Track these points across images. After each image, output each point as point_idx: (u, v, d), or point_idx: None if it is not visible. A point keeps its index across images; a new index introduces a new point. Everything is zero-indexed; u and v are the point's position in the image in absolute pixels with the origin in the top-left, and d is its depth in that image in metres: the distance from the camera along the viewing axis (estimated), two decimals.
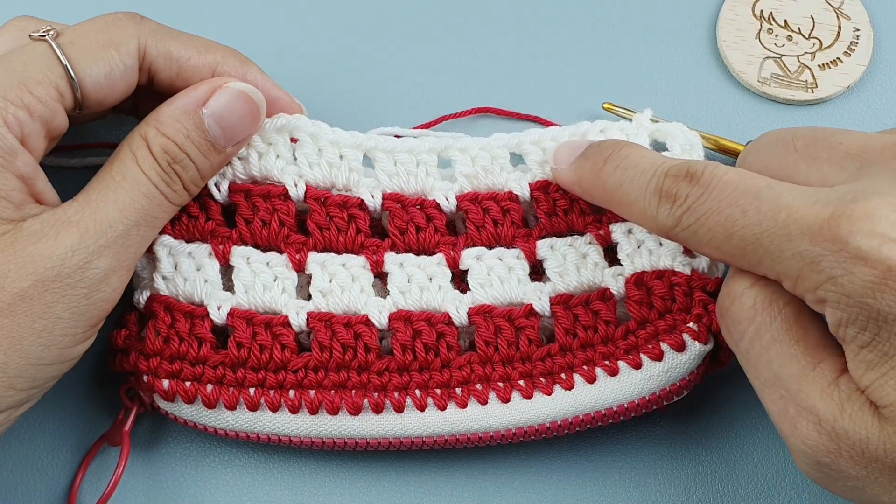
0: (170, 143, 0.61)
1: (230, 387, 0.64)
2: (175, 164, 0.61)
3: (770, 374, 0.55)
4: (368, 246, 0.66)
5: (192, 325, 0.64)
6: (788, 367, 0.54)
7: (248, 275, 0.65)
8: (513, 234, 0.66)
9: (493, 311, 0.64)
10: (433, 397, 0.63)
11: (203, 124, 0.62)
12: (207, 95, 0.63)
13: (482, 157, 0.67)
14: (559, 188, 0.66)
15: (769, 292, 0.55)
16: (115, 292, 0.60)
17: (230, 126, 0.63)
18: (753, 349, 0.55)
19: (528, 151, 0.67)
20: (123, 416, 0.67)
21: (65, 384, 0.69)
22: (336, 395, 0.63)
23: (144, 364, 0.64)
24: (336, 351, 0.63)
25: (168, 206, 0.62)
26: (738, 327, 0.56)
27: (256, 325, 0.64)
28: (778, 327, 0.55)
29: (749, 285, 0.56)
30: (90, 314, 0.59)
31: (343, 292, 0.65)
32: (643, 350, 0.63)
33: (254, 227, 0.66)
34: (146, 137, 0.61)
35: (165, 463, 0.68)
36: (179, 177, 0.62)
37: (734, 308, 0.57)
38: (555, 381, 0.63)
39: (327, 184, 0.66)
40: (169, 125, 0.61)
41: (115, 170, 0.61)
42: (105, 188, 0.60)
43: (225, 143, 0.63)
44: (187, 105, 0.62)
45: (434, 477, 0.67)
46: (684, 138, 0.68)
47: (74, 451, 0.68)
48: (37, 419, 0.69)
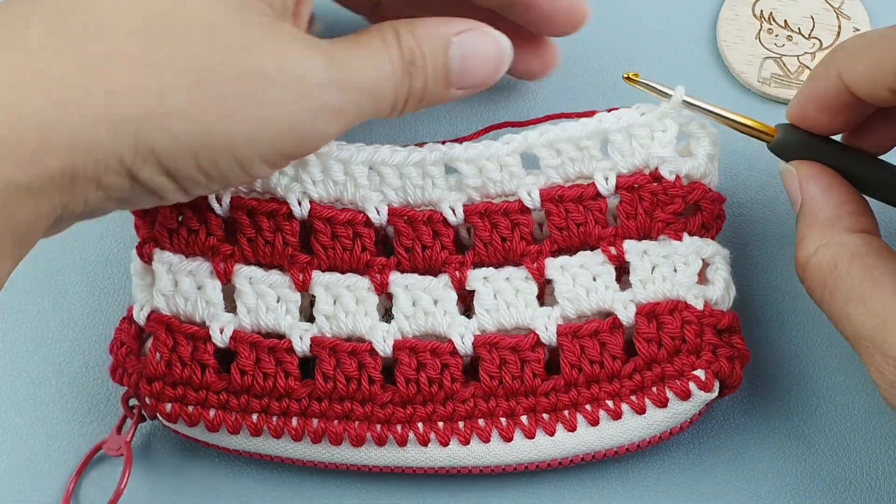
0: (417, 48, 0.59)
1: (233, 412, 0.64)
2: (412, 66, 0.59)
3: (851, 329, 0.57)
4: (374, 265, 0.64)
5: (194, 348, 0.63)
6: (867, 321, 0.56)
7: (251, 296, 0.64)
8: (521, 251, 0.64)
9: (499, 342, 0.63)
10: (436, 432, 0.63)
11: (448, 51, 0.60)
12: (463, 29, 0.61)
13: (490, 168, 0.64)
14: (573, 197, 0.64)
15: (832, 254, 0.58)
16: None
17: (469, 69, 0.61)
18: (833, 310, 0.58)
19: (543, 155, 0.64)
20: (122, 424, 0.67)
21: (62, 385, 0.70)
22: (339, 425, 0.63)
23: (146, 388, 0.63)
24: (340, 383, 0.63)
25: (387, 104, 0.59)
26: (815, 293, 0.59)
27: (260, 351, 0.63)
28: (848, 286, 0.57)
29: (813, 251, 0.59)
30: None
31: (347, 316, 0.64)
32: (648, 394, 0.62)
33: (257, 246, 0.64)
34: (397, 31, 0.59)
35: (165, 471, 0.68)
36: (411, 83, 0.59)
37: (806, 277, 0.59)
38: (558, 420, 0.63)
39: (332, 199, 0.64)
40: (421, 33, 0.59)
41: (360, 40, 0.58)
42: (350, 47, 0.58)
43: (455, 83, 0.61)
44: (442, 28, 0.60)
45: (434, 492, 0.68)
46: (711, 145, 0.65)
47: (70, 456, 0.68)
48: (33, 421, 0.69)
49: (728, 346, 0.63)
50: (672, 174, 0.63)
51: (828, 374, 0.69)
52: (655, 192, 0.63)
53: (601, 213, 0.64)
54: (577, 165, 0.64)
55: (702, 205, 0.64)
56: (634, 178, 0.64)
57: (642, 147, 0.64)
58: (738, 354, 0.63)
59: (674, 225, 0.64)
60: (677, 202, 0.63)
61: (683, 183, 0.64)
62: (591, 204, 0.64)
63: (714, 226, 0.65)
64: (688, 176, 0.64)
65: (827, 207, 0.60)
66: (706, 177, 0.65)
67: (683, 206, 0.64)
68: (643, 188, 0.64)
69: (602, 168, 0.64)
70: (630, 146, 0.64)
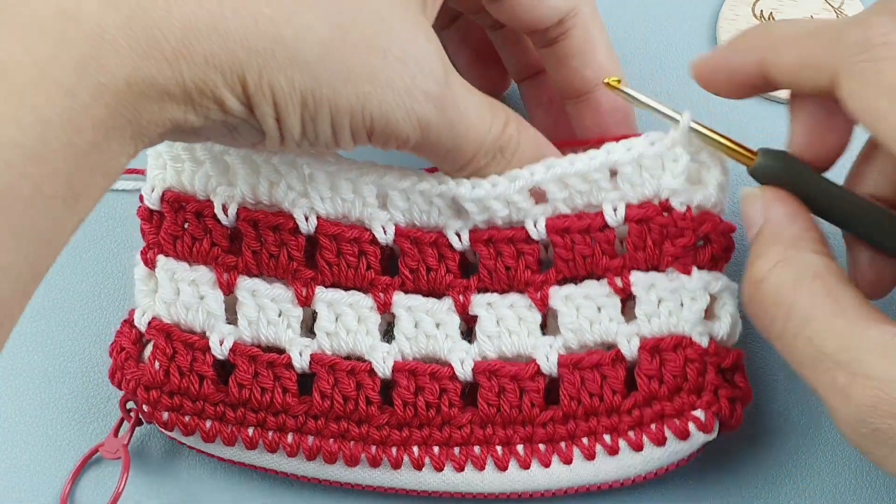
0: (516, 147, 0.62)
1: (229, 424, 0.64)
2: (498, 153, 0.61)
3: (811, 351, 0.53)
4: (377, 284, 0.64)
5: (193, 359, 0.63)
6: (832, 340, 0.53)
7: (253, 309, 0.63)
8: (526, 280, 0.63)
9: (499, 370, 0.63)
10: (431, 457, 0.63)
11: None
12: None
13: (496, 206, 0.62)
14: (580, 229, 0.63)
15: (792, 272, 0.55)
16: None
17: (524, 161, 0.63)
18: (788, 331, 0.54)
19: (550, 190, 0.62)
20: (120, 426, 0.67)
21: (59, 388, 0.70)
22: (335, 444, 0.63)
23: (144, 395, 0.63)
24: (337, 402, 0.63)
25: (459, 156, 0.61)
26: (767, 313, 0.55)
27: (259, 365, 0.63)
28: (809, 304, 0.54)
29: (770, 267, 0.55)
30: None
31: (348, 334, 0.63)
32: (646, 431, 0.62)
33: (261, 259, 0.64)
34: (516, 120, 0.62)
35: (162, 474, 0.69)
36: (483, 161, 0.61)
37: (759, 295, 0.56)
38: (554, 451, 0.63)
39: (340, 215, 0.63)
40: (527, 140, 0.62)
41: (483, 95, 0.61)
42: (470, 88, 0.60)
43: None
44: (542, 149, 0.63)
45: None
46: (722, 173, 0.63)
47: (66, 459, 0.68)
48: (32, 422, 0.69)
49: (730, 386, 0.62)
50: (683, 205, 0.62)
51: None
52: (665, 224, 0.62)
53: (608, 245, 0.63)
54: (585, 197, 0.63)
55: (712, 237, 0.63)
56: (644, 209, 0.62)
57: (653, 177, 0.62)
58: (741, 395, 0.62)
59: (683, 259, 0.62)
60: (688, 235, 0.62)
61: (694, 213, 0.62)
62: (599, 235, 0.63)
63: (724, 257, 0.64)
64: (698, 206, 0.63)
65: (790, 229, 0.57)
66: (717, 206, 0.63)
67: (694, 240, 0.62)
68: (652, 220, 0.62)
69: (611, 199, 0.63)
70: (640, 177, 0.62)
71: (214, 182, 0.64)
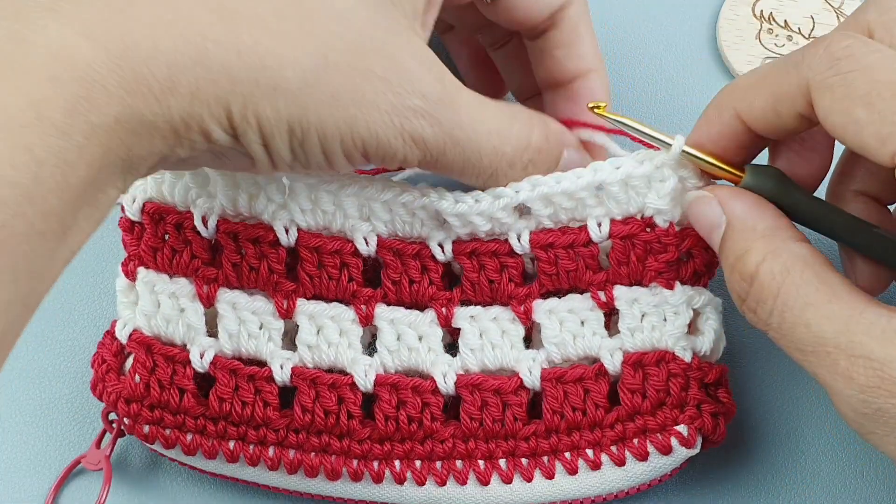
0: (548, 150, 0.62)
1: (210, 438, 0.63)
2: (533, 157, 0.61)
3: (810, 337, 0.54)
4: (360, 296, 0.63)
5: (173, 371, 0.63)
6: (829, 325, 0.53)
7: (233, 322, 0.63)
8: (509, 293, 0.63)
9: (481, 383, 0.62)
10: (412, 471, 0.63)
11: (556, 163, 0.63)
12: (573, 145, 0.64)
13: (479, 222, 0.62)
14: (564, 244, 0.62)
15: (783, 261, 0.55)
16: None
17: (550, 169, 0.62)
18: (786, 320, 0.55)
19: (535, 207, 0.62)
20: (102, 438, 0.67)
21: (41, 399, 0.70)
22: (316, 458, 0.63)
23: (124, 408, 0.63)
24: (318, 416, 0.62)
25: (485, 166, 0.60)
26: (764, 306, 0.55)
27: (239, 378, 0.63)
28: (805, 292, 0.54)
29: (761, 259, 0.56)
30: None
31: (330, 347, 0.63)
32: (628, 446, 0.62)
33: (241, 271, 0.63)
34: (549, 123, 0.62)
35: (144, 486, 0.68)
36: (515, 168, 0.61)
37: (754, 290, 0.56)
38: (536, 466, 0.63)
39: (321, 227, 0.63)
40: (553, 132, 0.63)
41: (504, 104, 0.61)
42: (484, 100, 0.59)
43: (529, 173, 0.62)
44: (563, 137, 0.63)
45: None
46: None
47: (48, 470, 0.68)
48: (12, 433, 0.69)
49: (713, 401, 0.62)
50: (666, 222, 0.62)
51: (815, 424, 0.68)
52: (649, 240, 0.62)
53: (592, 259, 0.62)
54: (569, 213, 0.62)
55: (694, 252, 0.62)
56: (628, 226, 0.62)
57: (638, 195, 0.62)
58: (724, 410, 0.62)
59: (666, 274, 0.62)
60: (671, 251, 0.62)
61: (677, 229, 0.62)
62: (583, 251, 0.62)
63: (707, 273, 0.63)
64: (681, 222, 0.62)
65: (763, 221, 0.57)
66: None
67: (677, 255, 0.62)
68: (636, 237, 0.62)
69: (596, 215, 0.62)
70: (626, 195, 0.62)
71: (194, 193, 0.63)
